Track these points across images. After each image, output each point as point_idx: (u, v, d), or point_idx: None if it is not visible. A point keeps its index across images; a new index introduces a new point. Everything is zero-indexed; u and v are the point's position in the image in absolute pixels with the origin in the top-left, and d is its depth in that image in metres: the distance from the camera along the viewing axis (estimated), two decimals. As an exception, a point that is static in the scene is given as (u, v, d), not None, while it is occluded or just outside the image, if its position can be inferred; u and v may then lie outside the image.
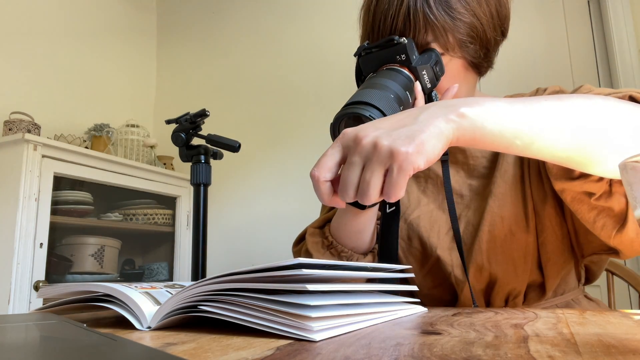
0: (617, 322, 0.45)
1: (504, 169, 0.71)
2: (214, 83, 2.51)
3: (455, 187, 0.76)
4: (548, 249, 0.70)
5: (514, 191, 0.70)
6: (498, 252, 0.69)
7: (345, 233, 0.73)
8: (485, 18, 0.66)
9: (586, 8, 1.73)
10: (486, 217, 0.70)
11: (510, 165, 0.71)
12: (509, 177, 0.71)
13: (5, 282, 1.54)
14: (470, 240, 0.71)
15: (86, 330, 0.32)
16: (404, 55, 0.59)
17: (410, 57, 0.59)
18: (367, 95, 0.52)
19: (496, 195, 0.70)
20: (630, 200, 0.32)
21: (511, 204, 0.69)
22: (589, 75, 1.69)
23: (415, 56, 0.60)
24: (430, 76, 0.60)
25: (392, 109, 0.52)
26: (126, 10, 2.58)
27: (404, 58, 0.59)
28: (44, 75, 2.12)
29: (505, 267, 0.69)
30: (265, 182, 2.24)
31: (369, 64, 0.62)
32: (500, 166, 0.72)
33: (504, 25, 0.72)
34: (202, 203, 1.04)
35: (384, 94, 0.52)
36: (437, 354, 0.30)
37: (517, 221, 0.68)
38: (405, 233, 0.76)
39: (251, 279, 0.38)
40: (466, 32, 0.65)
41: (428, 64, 0.59)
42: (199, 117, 1.01)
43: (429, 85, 0.60)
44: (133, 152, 2.27)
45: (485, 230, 0.69)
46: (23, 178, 1.60)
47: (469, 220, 0.73)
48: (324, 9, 2.24)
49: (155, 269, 2.20)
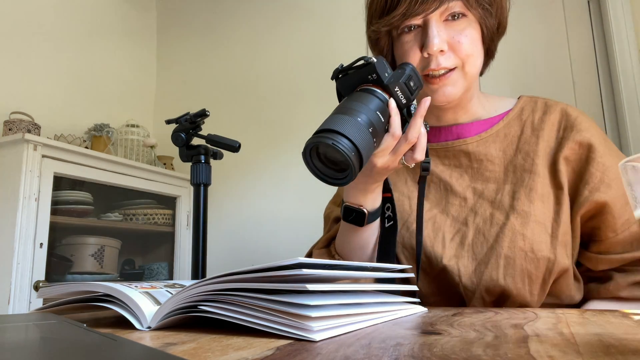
0: (617, 322, 0.45)
1: (530, 186, 0.70)
2: (214, 83, 2.51)
3: (459, 191, 0.75)
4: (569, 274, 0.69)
5: (539, 209, 0.69)
6: (517, 271, 0.67)
7: (349, 249, 0.75)
8: None
9: (586, 8, 1.73)
10: (506, 233, 0.68)
11: (538, 184, 0.70)
12: (536, 195, 0.69)
13: (5, 282, 1.54)
14: (482, 250, 0.69)
15: (86, 330, 0.32)
16: (374, 74, 0.60)
17: (382, 75, 0.60)
18: (337, 123, 0.53)
19: (519, 212, 0.68)
20: (630, 201, 0.32)
21: (535, 222, 0.67)
22: (589, 75, 1.69)
23: (387, 74, 0.61)
24: (404, 91, 0.61)
25: (362, 136, 0.53)
26: (126, 10, 2.58)
27: (375, 77, 0.60)
28: (44, 75, 2.12)
29: (521, 286, 0.67)
30: (265, 182, 2.23)
31: (345, 86, 0.63)
32: (524, 182, 0.71)
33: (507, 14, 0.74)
34: (202, 203, 1.04)
35: (354, 121, 0.53)
36: (437, 354, 0.30)
37: (540, 242, 0.67)
38: (409, 242, 0.75)
39: (251, 279, 0.38)
40: None
41: (400, 80, 0.60)
42: (199, 117, 1.01)
43: (404, 101, 0.61)
44: (133, 152, 2.27)
45: (504, 246, 0.67)
46: (23, 178, 1.60)
47: (479, 228, 0.71)
48: (324, 8, 2.24)
49: (155, 269, 2.20)
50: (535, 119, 0.75)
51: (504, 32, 0.76)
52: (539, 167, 0.71)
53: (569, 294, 0.70)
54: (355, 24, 2.11)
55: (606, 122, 1.63)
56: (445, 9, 0.67)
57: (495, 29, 0.72)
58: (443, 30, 0.68)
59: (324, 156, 0.57)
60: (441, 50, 0.67)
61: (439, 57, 0.68)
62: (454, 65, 0.69)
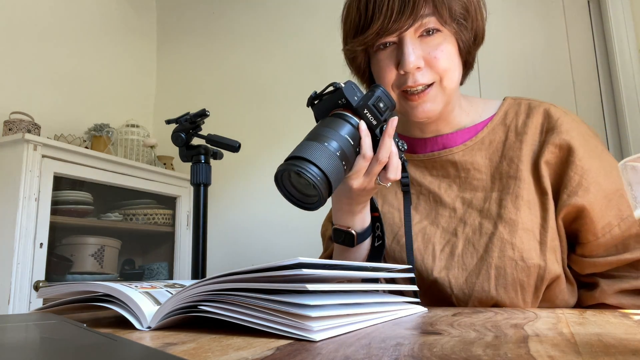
0: (617, 322, 0.45)
1: (516, 193, 0.70)
2: (214, 83, 2.51)
3: (448, 201, 0.75)
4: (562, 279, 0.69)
5: (526, 216, 0.69)
6: (508, 281, 0.66)
7: None
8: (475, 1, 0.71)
9: (586, 8, 1.73)
10: (495, 243, 0.68)
11: (523, 191, 0.70)
12: (522, 202, 0.69)
13: (5, 282, 1.54)
14: (472, 261, 0.69)
15: (86, 330, 0.32)
16: (344, 99, 0.62)
17: (350, 99, 0.61)
18: (305, 150, 0.56)
19: (506, 221, 0.69)
20: (630, 201, 0.32)
21: (523, 230, 0.68)
22: (589, 76, 1.69)
23: (356, 97, 0.62)
24: (373, 113, 0.62)
25: (329, 161, 0.56)
26: (126, 10, 2.58)
27: (345, 102, 0.62)
28: (44, 75, 2.12)
29: (514, 295, 0.67)
30: (265, 182, 2.23)
31: (319, 112, 0.65)
32: (509, 189, 0.71)
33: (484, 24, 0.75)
34: (202, 203, 1.04)
35: (322, 147, 0.56)
36: (437, 354, 0.30)
37: (529, 250, 0.67)
38: (399, 255, 0.75)
39: (251, 279, 0.38)
40: (461, 4, 0.68)
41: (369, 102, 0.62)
42: (199, 117, 1.01)
43: (374, 122, 0.63)
44: (133, 152, 2.27)
45: (494, 256, 0.67)
46: (23, 178, 1.60)
47: (468, 239, 0.71)
48: (324, 9, 2.24)
49: (155, 269, 2.20)
50: (518, 123, 0.75)
51: (482, 41, 0.76)
52: (523, 173, 0.71)
53: (562, 299, 0.70)
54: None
55: (606, 122, 1.63)
56: (419, 26, 0.67)
57: (472, 41, 0.73)
58: (418, 46, 0.68)
59: (295, 182, 0.59)
60: (418, 67, 0.67)
61: (416, 73, 0.68)
62: (431, 80, 0.69)
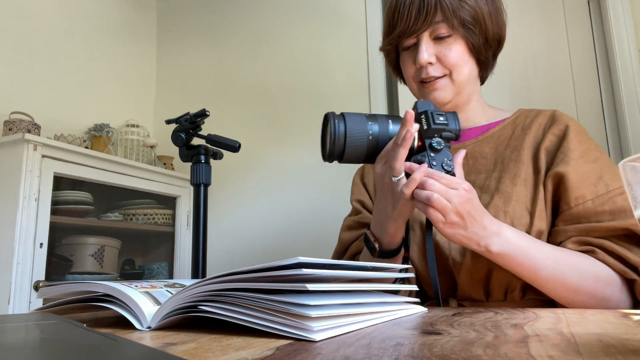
0: (617, 322, 0.45)
1: (514, 172, 0.80)
2: (214, 83, 2.51)
3: None
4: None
5: (521, 191, 0.78)
6: None
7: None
8: (485, 9, 0.81)
9: (586, 8, 1.73)
10: (490, 210, 0.75)
11: (522, 171, 0.79)
12: (519, 180, 0.79)
13: (5, 282, 1.54)
14: None
15: (86, 330, 0.32)
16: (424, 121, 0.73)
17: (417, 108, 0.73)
18: (352, 116, 0.70)
19: (502, 192, 0.78)
20: (630, 201, 0.32)
21: (516, 202, 0.77)
22: (589, 75, 1.69)
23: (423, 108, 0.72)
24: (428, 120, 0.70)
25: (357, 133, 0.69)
26: (126, 10, 2.58)
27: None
28: (44, 75, 2.12)
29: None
30: (265, 183, 2.23)
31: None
32: (509, 169, 0.81)
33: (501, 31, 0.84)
34: (202, 203, 1.04)
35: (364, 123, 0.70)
36: (437, 354, 0.30)
37: (520, 217, 0.75)
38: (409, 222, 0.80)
39: (251, 279, 0.38)
40: (469, 13, 0.79)
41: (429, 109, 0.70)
42: (199, 117, 1.01)
43: (424, 127, 0.69)
44: (133, 152, 2.27)
45: None
46: (23, 178, 1.60)
47: None
48: (324, 9, 2.24)
49: (155, 269, 2.20)
50: (526, 122, 0.86)
51: (499, 44, 0.85)
52: (524, 157, 0.80)
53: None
54: (356, 24, 2.11)
55: (606, 122, 1.63)
56: (432, 30, 0.80)
57: (483, 43, 0.82)
58: (432, 46, 0.81)
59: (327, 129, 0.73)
60: (430, 62, 0.80)
61: (428, 68, 0.81)
62: (441, 74, 0.81)
